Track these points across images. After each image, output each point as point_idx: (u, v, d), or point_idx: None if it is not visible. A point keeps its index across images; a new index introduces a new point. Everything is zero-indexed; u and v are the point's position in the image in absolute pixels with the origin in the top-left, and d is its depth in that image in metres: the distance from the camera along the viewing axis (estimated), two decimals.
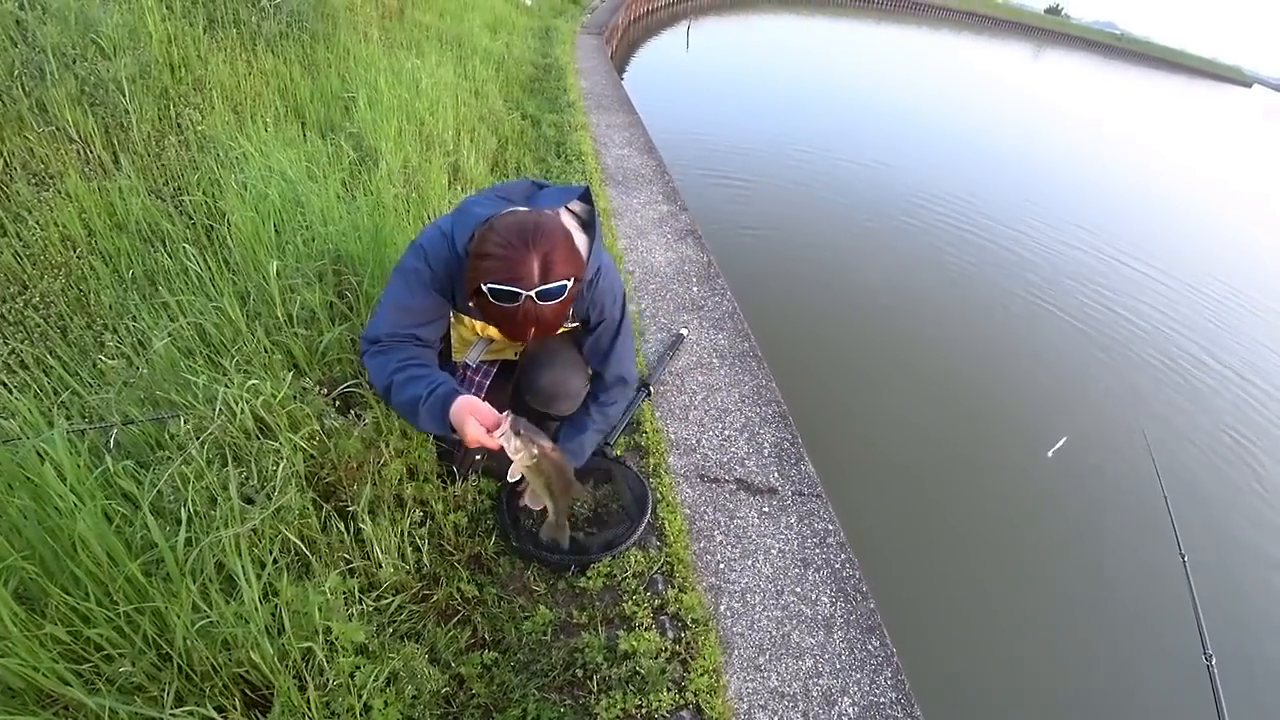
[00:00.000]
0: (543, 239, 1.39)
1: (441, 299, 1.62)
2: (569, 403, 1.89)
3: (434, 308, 1.62)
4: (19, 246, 2.31)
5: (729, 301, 3.30)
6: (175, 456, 1.47)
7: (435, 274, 1.57)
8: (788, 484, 2.30)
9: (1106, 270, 7.53)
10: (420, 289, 1.58)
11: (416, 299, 1.59)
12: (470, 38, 6.77)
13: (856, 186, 8.70)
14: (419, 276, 1.57)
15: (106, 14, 2.99)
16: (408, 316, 1.59)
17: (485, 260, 1.39)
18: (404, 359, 1.57)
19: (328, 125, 3.59)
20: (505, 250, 1.37)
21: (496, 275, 1.37)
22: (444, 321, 1.70)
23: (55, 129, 2.69)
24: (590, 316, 1.75)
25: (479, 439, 1.43)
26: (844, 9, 45.06)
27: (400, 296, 1.59)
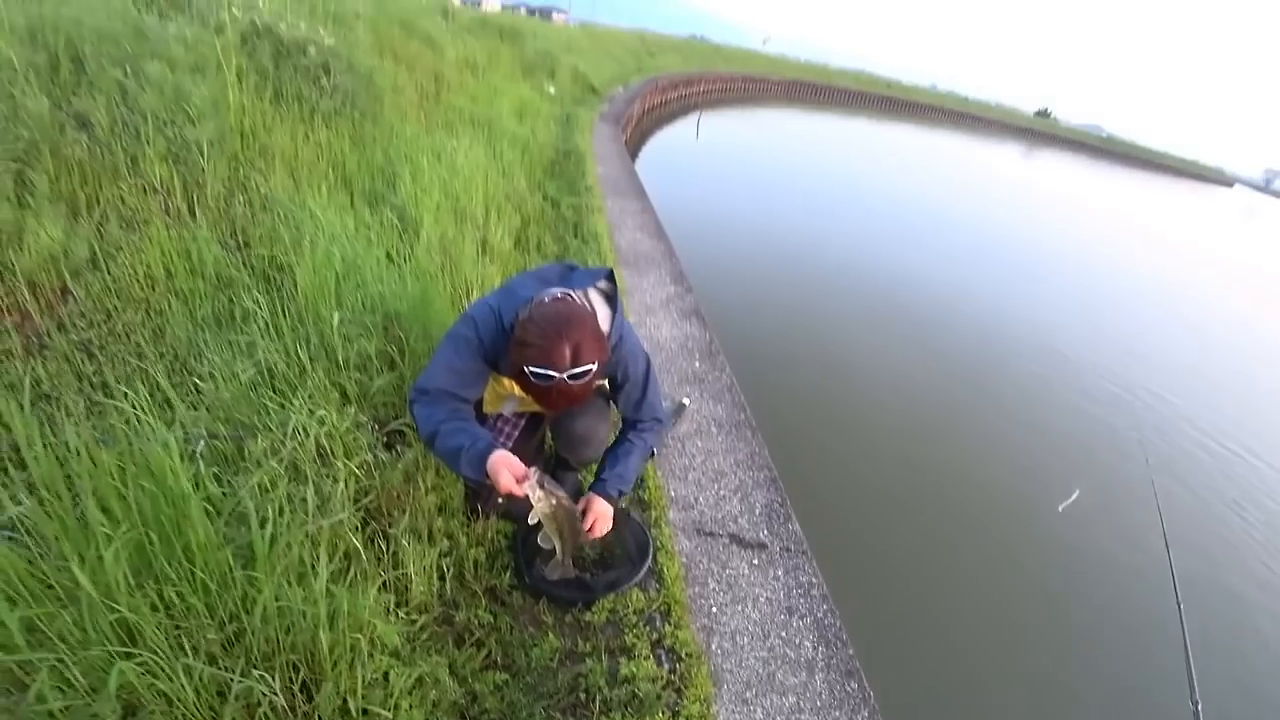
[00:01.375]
0: (573, 330, 1.67)
1: (485, 365, 1.90)
2: (595, 449, 2.18)
3: (479, 372, 1.90)
4: (108, 280, 2.61)
5: (728, 376, 3.59)
6: (254, 470, 1.71)
7: (483, 344, 1.85)
8: (776, 540, 2.53)
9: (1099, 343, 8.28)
10: (469, 355, 1.86)
11: (465, 363, 1.86)
12: (499, 122, 7.32)
13: (851, 269, 9.35)
14: (469, 344, 1.85)
15: (196, 86, 3.40)
16: (456, 377, 1.86)
17: (526, 349, 1.67)
18: (449, 412, 1.85)
19: (374, 197, 3.97)
20: (542, 340, 1.65)
21: (536, 361, 1.65)
22: (484, 384, 1.98)
23: (144, 181, 3.04)
24: (617, 375, 2.03)
25: (510, 487, 1.73)
26: (845, 107, 47.77)
27: (451, 359, 1.85)
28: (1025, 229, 17.02)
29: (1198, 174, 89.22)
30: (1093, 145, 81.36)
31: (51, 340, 2.36)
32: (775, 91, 44.24)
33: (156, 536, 1.42)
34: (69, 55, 3.19)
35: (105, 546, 1.29)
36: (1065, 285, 11.37)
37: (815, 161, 20.19)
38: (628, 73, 22.01)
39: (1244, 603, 4.04)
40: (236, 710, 1.38)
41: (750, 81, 40.27)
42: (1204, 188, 70.71)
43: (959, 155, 34.51)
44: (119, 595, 1.31)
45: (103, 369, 2.30)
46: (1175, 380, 7.73)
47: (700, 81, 29.73)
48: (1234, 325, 12.39)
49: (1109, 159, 69.04)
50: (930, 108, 66.41)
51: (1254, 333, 12.10)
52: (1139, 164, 75.44)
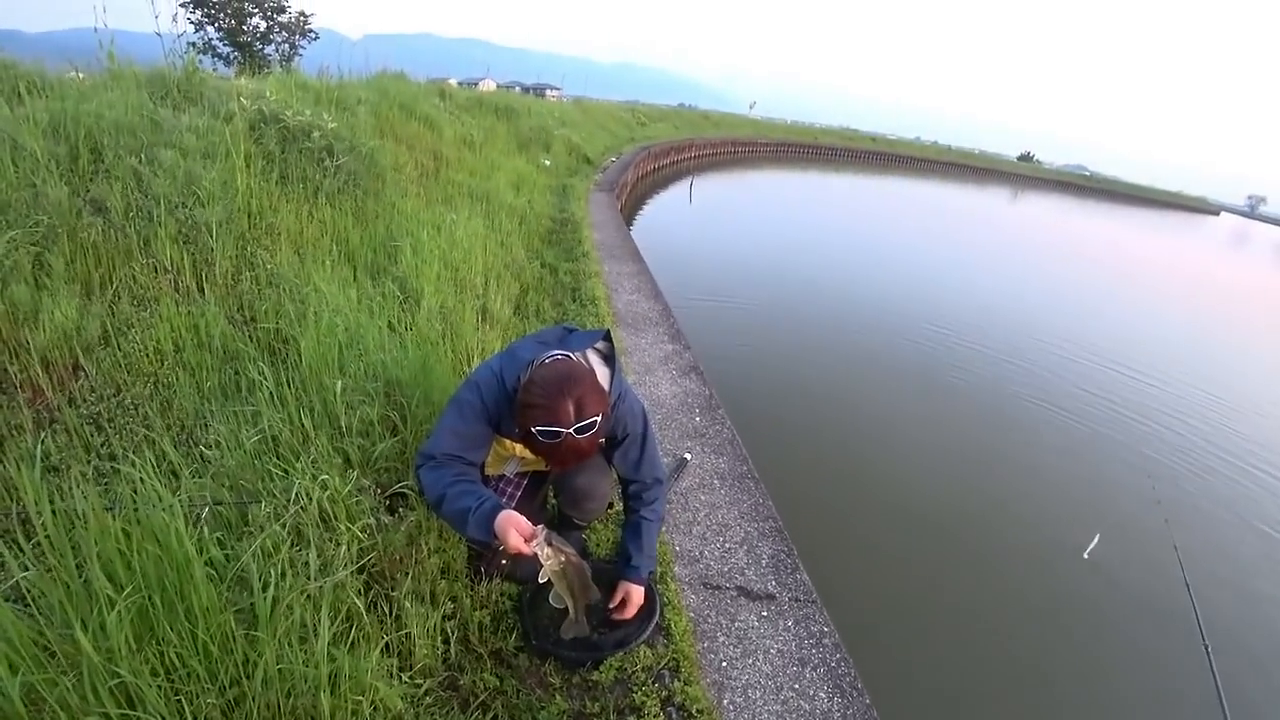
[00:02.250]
0: (574, 386, 1.72)
1: (489, 428, 1.93)
2: (597, 504, 2.23)
3: (483, 436, 1.93)
4: (119, 356, 2.67)
5: (728, 429, 3.61)
6: (256, 534, 1.73)
7: (487, 407, 1.89)
8: (785, 591, 2.50)
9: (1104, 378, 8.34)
10: (473, 419, 1.89)
11: (469, 427, 1.89)
12: (496, 194, 7.56)
13: (848, 319, 9.50)
14: (473, 409, 1.89)
15: (206, 171, 3.55)
16: (460, 441, 1.89)
17: (531, 409, 1.72)
18: (455, 475, 1.86)
19: (376, 269, 4.08)
20: (545, 400, 1.71)
21: (542, 420, 1.70)
22: (489, 447, 2.01)
23: (156, 261, 3.15)
24: (616, 433, 2.06)
25: (518, 547, 1.72)
26: (833, 163, 49.11)
27: (456, 423, 1.89)
28: (1019, 269, 17.32)
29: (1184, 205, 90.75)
30: (1078, 184, 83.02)
31: (62, 414, 2.41)
32: (764, 153, 45.56)
33: (159, 600, 1.43)
34: (88, 146, 3.36)
35: (109, 610, 1.30)
36: (1066, 322, 11.45)
37: (806, 217, 20.67)
38: (620, 142, 22.76)
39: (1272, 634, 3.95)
40: None
41: (739, 145, 41.53)
42: (1192, 218, 71.91)
43: (946, 202, 35.31)
44: (120, 660, 1.31)
45: (110, 440, 2.34)
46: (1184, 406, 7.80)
47: (691, 148, 30.68)
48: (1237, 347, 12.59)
49: (1095, 196, 70.29)
50: (916, 159, 68.24)
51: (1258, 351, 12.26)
52: (1125, 199, 76.88)
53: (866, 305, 10.30)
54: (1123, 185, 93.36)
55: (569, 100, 31.08)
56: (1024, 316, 11.33)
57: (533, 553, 1.74)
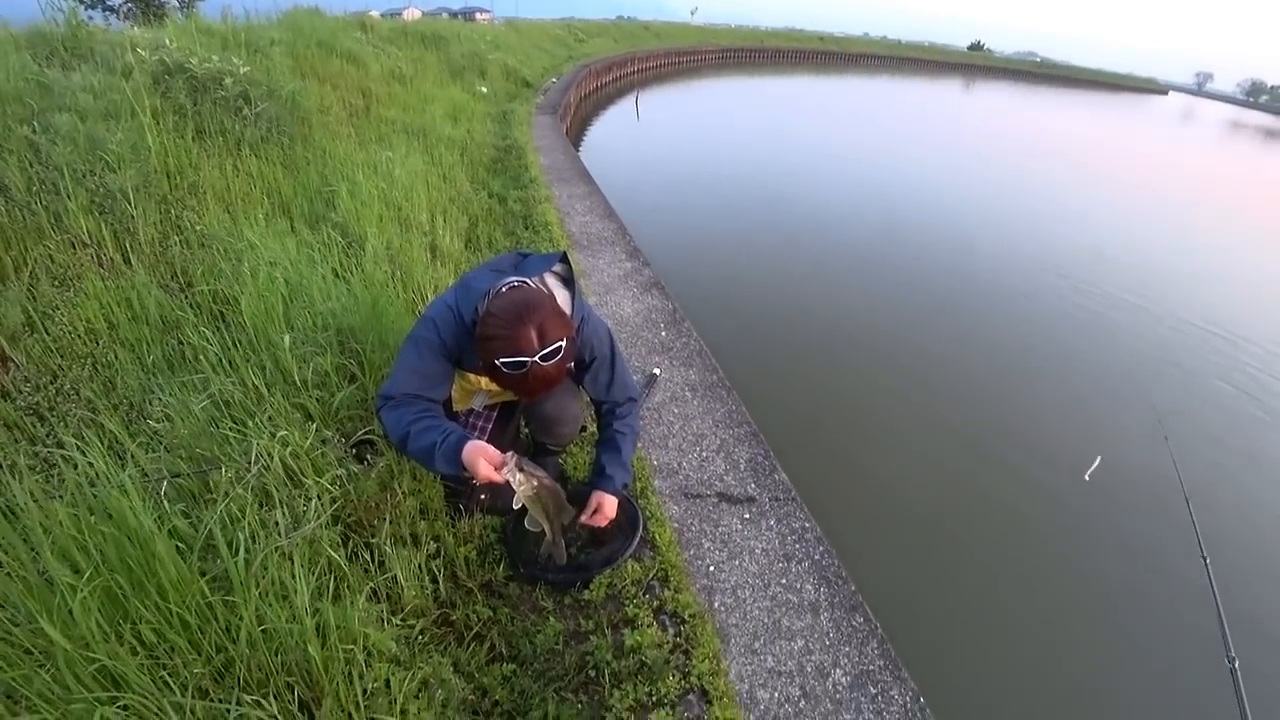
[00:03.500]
0: (534, 313, 1.66)
1: (449, 364, 1.89)
2: (569, 427, 2.20)
3: (443, 372, 1.88)
4: (48, 340, 2.53)
5: (695, 341, 3.59)
6: (220, 500, 1.68)
7: (445, 343, 1.83)
8: (764, 492, 2.54)
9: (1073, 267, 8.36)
10: (431, 356, 1.84)
11: (427, 364, 1.84)
12: (433, 128, 7.22)
13: (809, 225, 9.34)
14: (430, 346, 1.83)
15: (111, 134, 3.30)
16: (420, 379, 1.83)
17: (492, 342, 1.66)
18: (418, 412, 1.80)
19: (314, 218, 3.89)
20: (506, 330, 1.64)
21: (505, 351, 1.64)
22: (449, 383, 1.96)
23: (71, 236, 2.95)
24: (584, 356, 2.02)
25: (489, 476, 1.68)
26: (781, 67, 47.77)
27: (413, 362, 1.83)
28: (975, 159, 17.22)
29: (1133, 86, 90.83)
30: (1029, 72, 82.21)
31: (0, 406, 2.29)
32: (710, 61, 44.02)
33: (126, 580, 1.38)
34: None
35: (72, 598, 1.26)
36: (1031, 213, 11.51)
37: (758, 124, 20.16)
38: (559, 62, 21.78)
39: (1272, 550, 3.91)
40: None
41: (683, 55, 40.02)
42: (1141, 99, 71.91)
43: (899, 98, 34.71)
44: (96, 645, 1.28)
45: (55, 429, 2.24)
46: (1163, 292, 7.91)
47: (633, 61, 29.52)
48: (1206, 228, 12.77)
49: (1046, 83, 69.93)
50: (866, 55, 66.62)
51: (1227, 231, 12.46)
52: (1076, 84, 76.55)
53: (827, 210, 10.17)
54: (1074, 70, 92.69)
55: (500, 22, 29.50)
56: (982, 215, 11.25)
57: (504, 480, 1.72)
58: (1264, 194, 18.72)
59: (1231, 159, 28.42)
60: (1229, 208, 15.45)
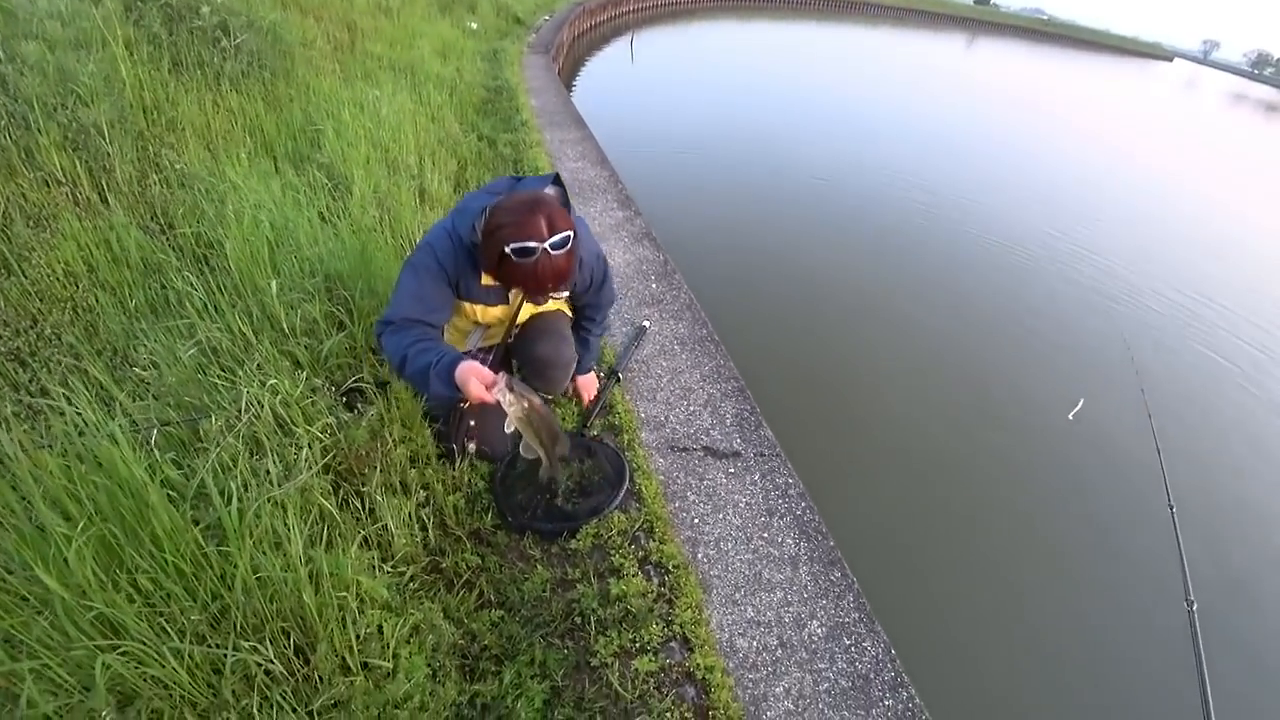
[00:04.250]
0: (543, 204, 1.72)
1: (449, 289, 1.92)
2: (562, 371, 2.26)
3: (443, 297, 1.91)
4: (26, 284, 2.48)
5: (686, 294, 3.58)
6: (211, 449, 1.68)
7: (443, 267, 1.86)
8: (749, 447, 2.58)
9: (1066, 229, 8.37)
10: (430, 281, 1.86)
11: (426, 289, 1.87)
12: (421, 65, 6.98)
13: (803, 177, 9.16)
14: (428, 270, 1.86)
15: (82, 65, 3.16)
16: (419, 304, 1.86)
17: (502, 229, 1.69)
18: (416, 336, 1.84)
19: (298, 158, 3.79)
20: (516, 217, 1.69)
21: (515, 237, 1.68)
22: (449, 309, 1.98)
23: (44, 174, 2.86)
24: (585, 277, 2.12)
25: (480, 395, 1.71)
26: (780, 11, 46.21)
27: (412, 287, 1.86)
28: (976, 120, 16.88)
29: (1138, 51, 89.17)
30: (1034, 30, 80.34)
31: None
32: (707, 3, 42.59)
33: (120, 529, 1.40)
34: None
35: (67, 547, 1.27)
36: (1025, 176, 11.36)
37: (755, 71, 19.62)
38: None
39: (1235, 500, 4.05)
40: (235, 683, 1.40)
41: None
42: (1145, 64, 70.68)
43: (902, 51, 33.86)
44: (93, 593, 1.30)
45: (38, 375, 2.22)
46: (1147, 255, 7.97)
47: (630, 0, 28.49)
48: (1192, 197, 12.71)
49: (1051, 42, 68.53)
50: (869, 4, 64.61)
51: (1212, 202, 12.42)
52: (1081, 45, 74.97)
53: (823, 162, 9.95)
54: (1080, 30, 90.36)
55: None
56: (978, 172, 11.11)
57: (495, 400, 1.73)
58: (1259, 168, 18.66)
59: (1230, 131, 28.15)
60: (1223, 181, 15.40)
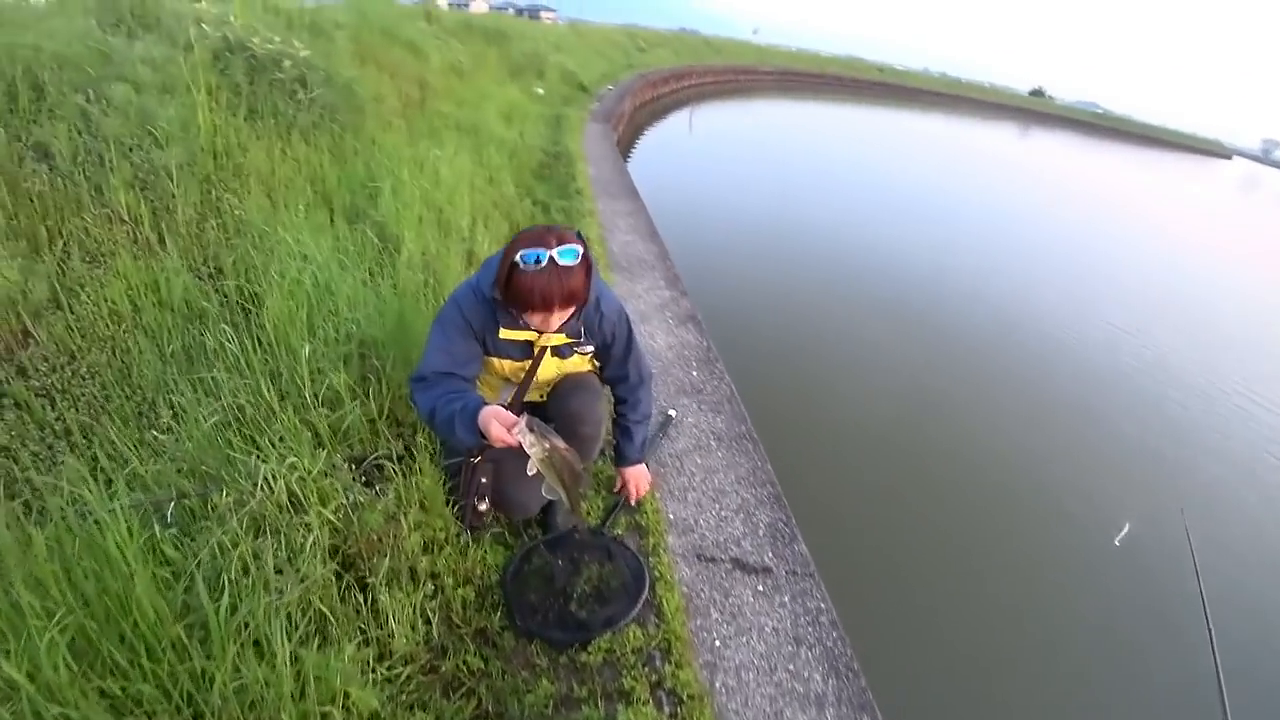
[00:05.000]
0: (556, 230, 1.80)
1: (476, 344, 1.94)
2: (592, 429, 2.16)
3: (470, 350, 1.94)
4: (71, 320, 2.49)
5: (727, 385, 3.47)
6: (215, 527, 1.59)
7: (469, 322, 1.90)
8: (781, 563, 2.40)
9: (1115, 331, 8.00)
10: (457, 335, 1.90)
11: (454, 343, 1.90)
12: (486, 126, 7.20)
13: (857, 267, 8.99)
14: (455, 325, 1.90)
15: (164, 107, 3.27)
16: (448, 358, 1.89)
17: (515, 244, 1.77)
18: (446, 389, 1.86)
19: (354, 212, 3.84)
20: (530, 235, 1.78)
21: (525, 246, 1.74)
22: (479, 363, 1.99)
23: (110, 211, 2.92)
24: (605, 336, 2.08)
25: (501, 436, 1.70)
26: (838, 95, 47.38)
27: (441, 342, 1.90)
28: (1030, 213, 16.67)
29: (1196, 147, 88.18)
30: (1089, 122, 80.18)
31: (10, 387, 2.25)
32: (767, 82, 43.91)
33: (103, 617, 1.30)
34: (28, 83, 3.06)
35: (40, 638, 1.18)
36: (1079, 272, 11.06)
37: (811, 151, 19.96)
38: (618, 69, 21.82)
39: None
40: None
41: (742, 73, 40.00)
42: (1203, 161, 69.98)
43: (957, 138, 34.20)
44: (61, 690, 1.19)
45: (65, 415, 2.19)
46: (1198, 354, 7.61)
47: (691, 75, 29.53)
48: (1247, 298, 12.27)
49: (1106, 135, 67.93)
50: (924, 91, 66.03)
51: None
52: (1136, 139, 74.29)
53: (877, 249, 9.76)
54: (1135, 125, 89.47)
55: (564, 23, 29.69)
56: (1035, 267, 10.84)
57: (517, 443, 1.70)
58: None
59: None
60: None
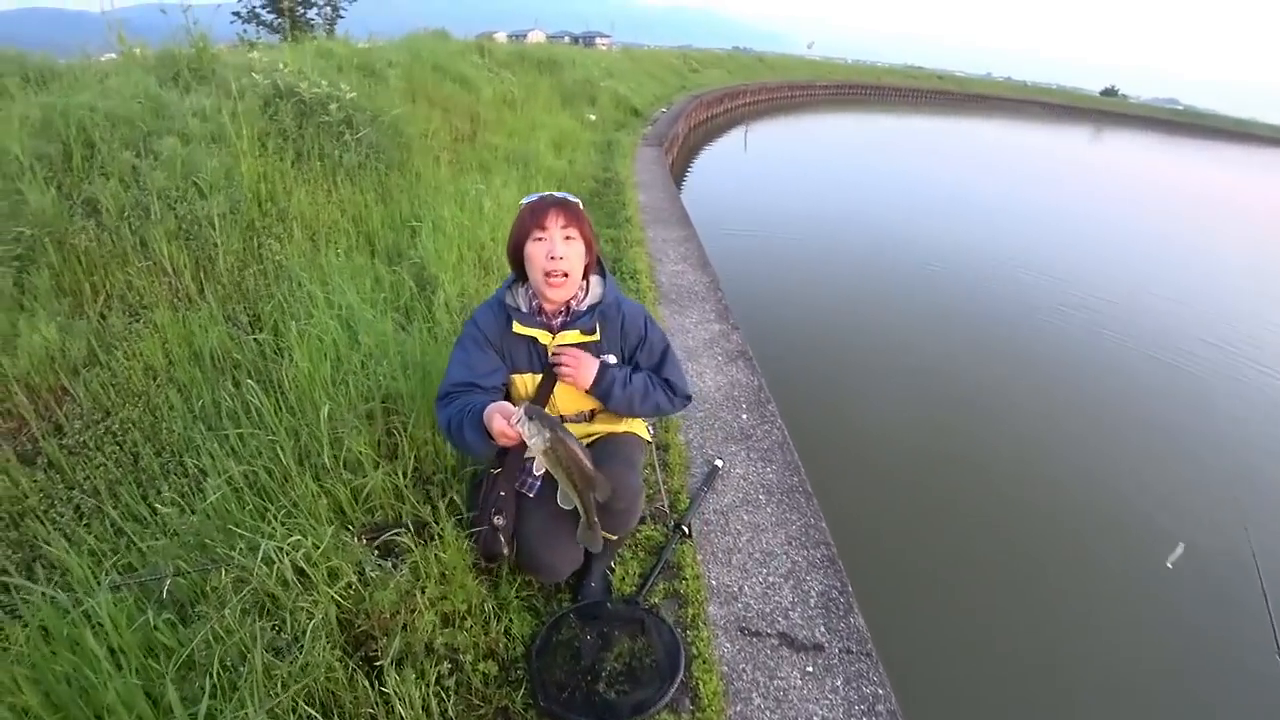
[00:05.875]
0: None
1: (495, 356, 1.92)
2: (627, 504, 1.97)
3: (490, 361, 1.92)
4: (107, 376, 2.49)
5: (779, 430, 3.24)
6: (213, 612, 1.50)
7: (486, 336, 1.91)
8: (835, 639, 2.17)
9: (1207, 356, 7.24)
10: (476, 349, 1.90)
11: (473, 355, 1.90)
12: (536, 157, 7.18)
13: (917, 289, 8.43)
14: (474, 339, 1.91)
15: (209, 157, 3.32)
16: (469, 370, 1.88)
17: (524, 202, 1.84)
18: (465, 401, 1.81)
19: (394, 252, 3.82)
20: None
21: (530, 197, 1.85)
22: (501, 373, 1.95)
23: (152, 263, 2.95)
24: (632, 338, 2.00)
25: (503, 430, 1.61)
26: (896, 105, 46.29)
27: (460, 356, 1.91)
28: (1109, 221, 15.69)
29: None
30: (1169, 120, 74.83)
31: (46, 444, 2.24)
32: (823, 97, 43.38)
33: None
34: (82, 141, 3.15)
35: None
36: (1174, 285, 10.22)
37: (870, 164, 19.39)
38: (671, 91, 21.89)
39: None
40: None
41: (796, 89, 39.66)
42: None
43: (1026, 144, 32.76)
44: None
45: (93, 475, 2.17)
46: None
47: (745, 94, 29.42)
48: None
49: (1189, 133, 62.94)
50: (987, 97, 63.94)
51: None
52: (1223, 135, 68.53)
53: (940, 274, 9.05)
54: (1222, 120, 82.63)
55: (618, 48, 30.08)
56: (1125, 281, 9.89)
57: (518, 435, 1.57)
58: None
59: None
60: None
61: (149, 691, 1.36)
